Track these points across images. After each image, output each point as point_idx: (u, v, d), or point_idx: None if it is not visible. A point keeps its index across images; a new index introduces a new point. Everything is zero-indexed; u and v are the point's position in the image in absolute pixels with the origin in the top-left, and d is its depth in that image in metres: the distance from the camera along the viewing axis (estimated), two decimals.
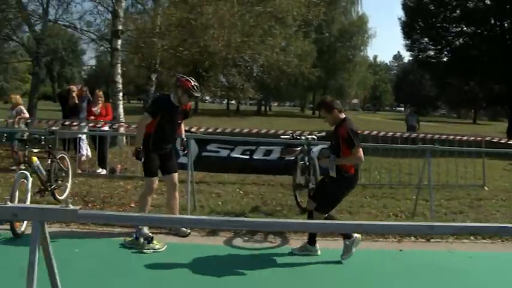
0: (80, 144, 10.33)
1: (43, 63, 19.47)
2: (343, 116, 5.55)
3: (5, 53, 30.63)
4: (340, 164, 5.47)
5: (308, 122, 36.87)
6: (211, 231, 6.33)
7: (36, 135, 7.14)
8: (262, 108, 63.61)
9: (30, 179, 6.11)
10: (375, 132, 12.07)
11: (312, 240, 5.73)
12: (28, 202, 6.00)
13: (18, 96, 11.26)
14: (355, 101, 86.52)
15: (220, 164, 9.31)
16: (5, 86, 32.06)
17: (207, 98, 79.22)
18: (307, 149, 7.37)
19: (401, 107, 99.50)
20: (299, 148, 7.48)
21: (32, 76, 19.85)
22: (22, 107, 10.82)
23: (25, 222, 6.00)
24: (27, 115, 11.03)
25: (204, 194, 8.46)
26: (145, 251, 5.47)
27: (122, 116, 14.55)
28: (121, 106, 14.76)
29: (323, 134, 8.35)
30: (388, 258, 5.69)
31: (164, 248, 5.62)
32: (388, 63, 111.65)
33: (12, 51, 30.28)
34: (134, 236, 5.66)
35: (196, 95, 6.09)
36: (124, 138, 13.25)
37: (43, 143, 6.84)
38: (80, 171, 9.92)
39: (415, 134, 13.54)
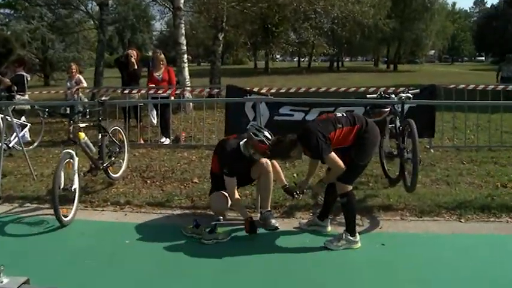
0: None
1: (111, 31, 19.21)
2: (295, 137, 4.64)
3: (74, 23, 30.87)
4: (331, 179, 4.69)
5: (383, 76, 35.02)
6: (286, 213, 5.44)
7: (81, 108, 6.35)
8: (335, 64, 61.13)
9: (77, 159, 5.35)
10: (462, 86, 10.09)
11: (322, 215, 4.98)
12: (76, 185, 5.26)
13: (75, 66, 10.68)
14: (431, 52, 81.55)
15: (295, 129, 8.19)
16: (76, 56, 32.10)
17: (278, 56, 77.53)
18: (400, 109, 6.17)
19: (482, 57, 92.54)
20: (387, 109, 6.24)
21: (97, 44, 19.44)
22: (81, 77, 10.21)
23: (74, 208, 5.28)
24: (85, 84, 10.41)
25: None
26: (205, 241, 4.60)
27: (187, 80, 13.68)
28: (186, 69, 13.82)
29: (417, 91, 6.95)
30: None
31: (228, 238, 4.72)
32: (468, 10, 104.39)
33: (79, 22, 30.37)
34: (194, 223, 4.78)
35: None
36: (190, 103, 12.50)
37: (88, 116, 6.03)
38: (142, 142, 9.26)
39: None
